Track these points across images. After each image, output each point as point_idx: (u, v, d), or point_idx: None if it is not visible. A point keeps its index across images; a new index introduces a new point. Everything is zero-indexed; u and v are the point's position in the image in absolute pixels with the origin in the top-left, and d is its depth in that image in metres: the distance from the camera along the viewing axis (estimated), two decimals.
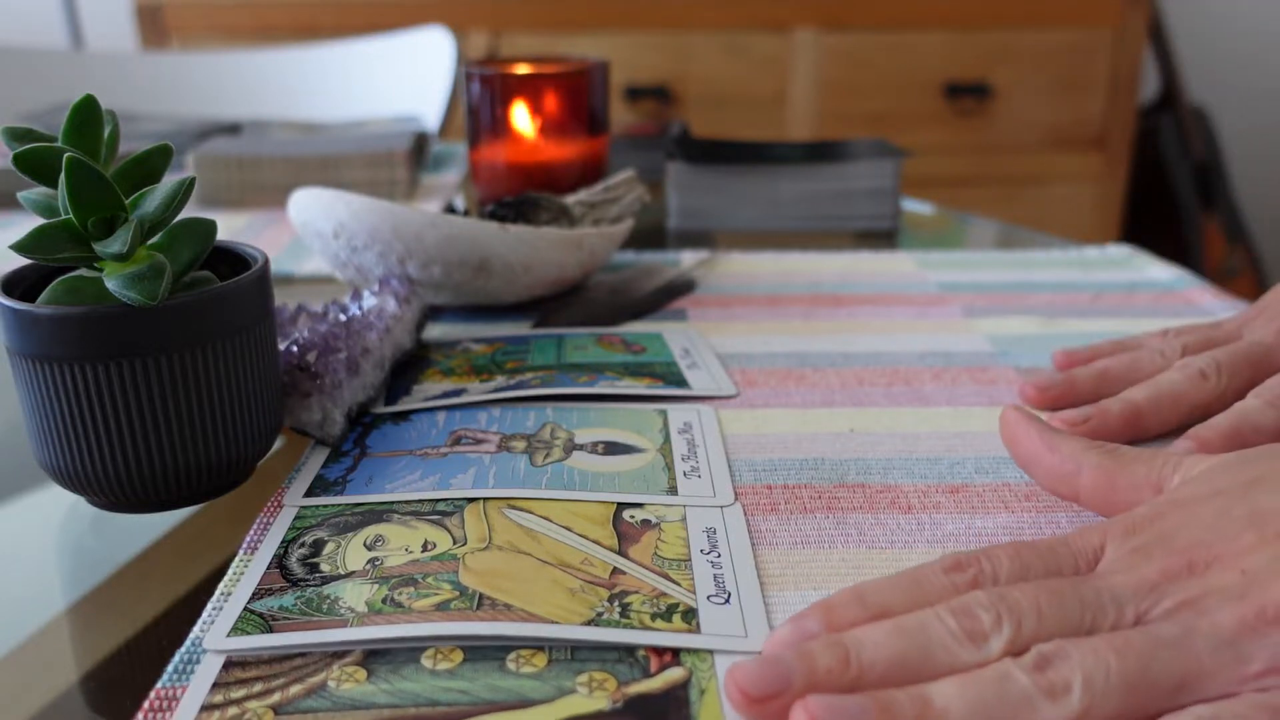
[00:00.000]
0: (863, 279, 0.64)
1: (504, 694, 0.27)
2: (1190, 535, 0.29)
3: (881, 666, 0.26)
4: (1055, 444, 0.36)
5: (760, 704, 0.26)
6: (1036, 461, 0.36)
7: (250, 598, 0.32)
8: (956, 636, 0.27)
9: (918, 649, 0.26)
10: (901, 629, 0.27)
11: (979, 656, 0.26)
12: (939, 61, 1.82)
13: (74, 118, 0.35)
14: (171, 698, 0.28)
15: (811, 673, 0.26)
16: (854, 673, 0.26)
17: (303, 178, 0.81)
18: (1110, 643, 0.26)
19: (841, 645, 0.27)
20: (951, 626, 0.27)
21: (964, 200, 1.59)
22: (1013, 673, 0.25)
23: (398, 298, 0.50)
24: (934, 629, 0.27)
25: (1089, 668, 0.25)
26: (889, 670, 0.26)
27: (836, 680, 0.26)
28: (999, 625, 0.27)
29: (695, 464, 0.40)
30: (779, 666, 0.26)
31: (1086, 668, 0.25)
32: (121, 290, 0.33)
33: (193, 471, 0.36)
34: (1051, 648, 0.26)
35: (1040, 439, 0.36)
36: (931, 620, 0.27)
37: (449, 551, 0.34)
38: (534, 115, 0.70)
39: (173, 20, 1.79)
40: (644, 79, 1.80)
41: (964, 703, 0.25)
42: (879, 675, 0.26)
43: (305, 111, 1.22)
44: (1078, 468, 0.35)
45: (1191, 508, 0.30)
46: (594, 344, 0.52)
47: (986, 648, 0.26)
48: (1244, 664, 0.25)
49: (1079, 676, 0.25)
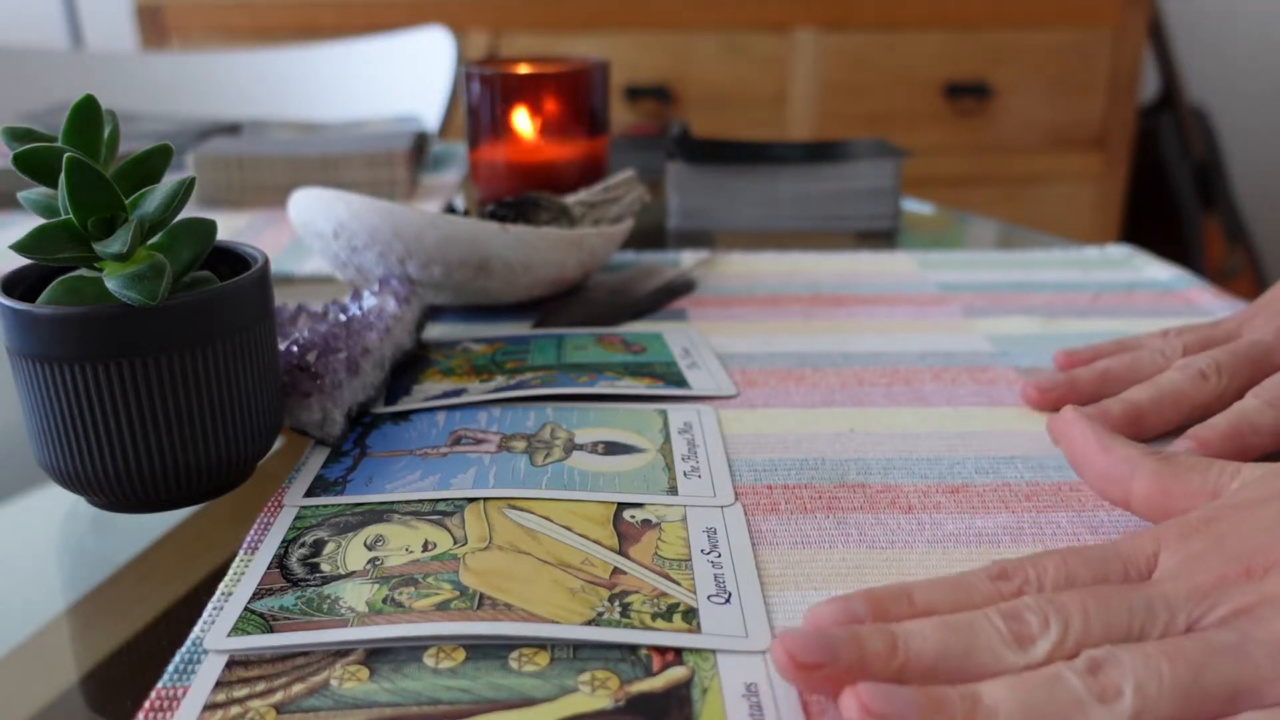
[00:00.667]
0: (863, 279, 0.64)
1: (506, 693, 0.27)
2: (1247, 540, 0.28)
3: (928, 659, 0.26)
4: (1110, 446, 0.35)
5: (804, 670, 0.26)
6: (1089, 463, 0.35)
7: (251, 598, 0.32)
8: (1004, 638, 0.27)
9: (964, 646, 0.26)
10: (950, 625, 0.27)
11: (1025, 659, 0.26)
12: (939, 61, 1.82)
13: (74, 118, 0.35)
14: (172, 698, 0.28)
15: (860, 652, 0.26)
16: (900, 660, 0.26)
17: (303, 178, 0.81)
18: (1162, 649, 0.25)
19: (890, 633, 0.27)
20: (1000, 627, 0.27)
21: (964, 200, 1.59)
22: (1064, 675, 0.25)
23: (398, 298, 0.50)
24: (982, 628, 0.27)
25: (1141, 673, 0.25)
26: (934, 663, 0.26)
27: (883, 665, 0.26)
28: (1046, 628, 0.27)
29: (695, 464, 0.40)
30: (828, 639, 0.26)
31: (1139, 673, 0.25)
32: (121, 290, 0.33)
33: (193, 471, 0.36)
34: (1103, 653, 0.25)
35: (1095, 439, 0.35)
36: (980, 620, 0.27)
37: (449, 551, 0.34)
38: (534, 115, 0.70)
39: (173, 20, 1.79)
40: (644, 79, 1.80)
41: (1014, 703, 0.25)
42: (925, 667, 0.26)
43: (305, 111, 1.22)
44: (1131, 472, 0.34)
45: (1248, 512, 0.29)
46: (594, 344, 0.52)
47: (1033, 650, 0.26)
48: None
49: (1131, 681, 0.25)
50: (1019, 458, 0.41)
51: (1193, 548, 0.29)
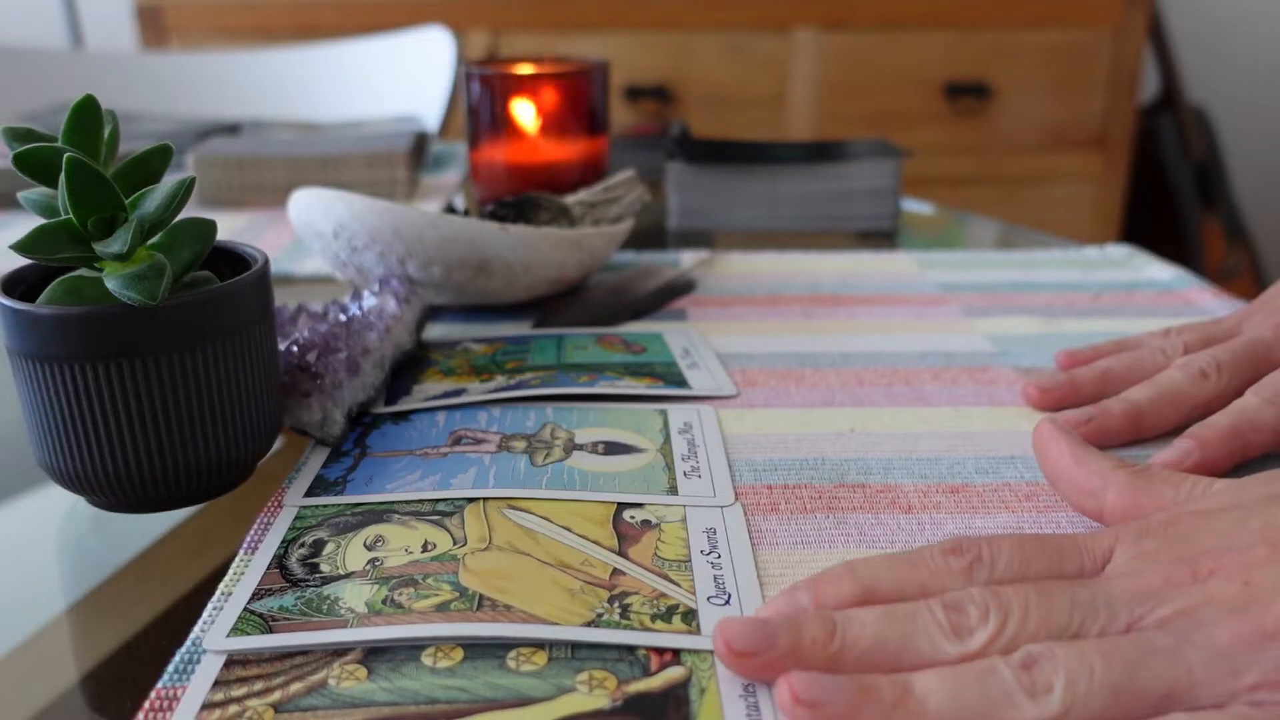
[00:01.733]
0: (863, 279, 0.64)
1: (504, 692, 0.27)
2: (1200, 543, 0.28)
3: (864, 645, 0.27)
4: (1084, 459, 0.35)
5: (741, 658, 0.27)
6: (1063, 475, 0.35)
7: (250, 598, 0.32)
8: (942, 628, 0.27)
9: (901, 634, 0.27)
10: (891, 614, 0.27)
11: (960, 649, 0.27)
12: (939, 61, 1.82)
13: (74, 118, 0.35)
14: (172, 697, 0.28)
15: (796, 639, 0.27)
16: (836, 647, 0.27)
17: (303, 178, 0.81)
18: (1098, 647, 0.26)
19: (830, 620, 0.27)
20: (939, 618, 0.27)
21: (964, 200, 1.59)
22: (997, 668, 0.25)
23: (398, 298, 0.50)
24: (922, 618, 0.27)
25: (1073, 669, 0.25)
26: (870, 649, 0.27)
27: (819, 651, 0.27)
28: (985, 621, 0.27)
29: (695, 464, 0.40)
30: (766, 628, 0.27)
31: (1071, 669, 0.25)
32: (121, 290, 0.33)
33: (193, 471, 0.36)
34: (1040, 649, 0.26)
35: (1070, 452, 0.35)
36: (921, 610, 0.27)
37: (449, 552, 0.34)
38: (534, 115, 0.70)
39: (173, 20, 1.79)
40: (644, 79, 1.80)
41: (944, 693, 0.25)
42: (860, 653, 0.27)
43: (305, 111, 1.22)
44: (1104, 485, 0.34)
45: (1204, 518, 0.29)
46: (594, 344, 0.52)
47: (969, 641, 0.27)
48: (1237, 677, 0.25)
49: (1062, 677, 0.25)
50: (1019, 458, 0.41)
51: (1145, 547, 0.29)
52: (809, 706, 0.25)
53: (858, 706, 0.25)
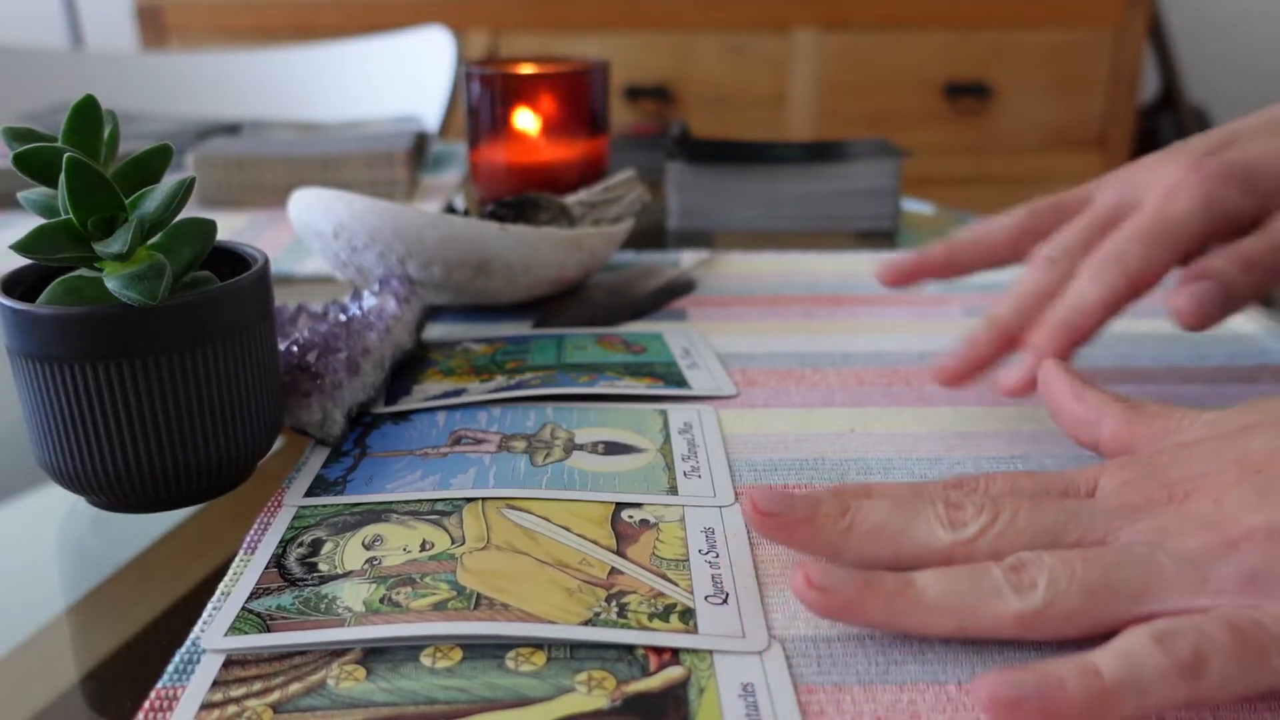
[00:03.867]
0: (863, 279, 0.64)
1: (503, 692, 0.27)
2: (1178, 470, 0.31)
3: (871, 524, 0.30)
4: (1082, 394, 0.37)
5: (765, 517, 0.31)
6: (1064, 409, 0.37)
7: (248, 597, 0.32)
8: (940, 518, 0.30)
9: (903, 519, 0.31)
10: (898, 505, 0.31)
11: (953, 537, 0.30)
12: (939, 61, 1.82)
13: (74, 118, 0.35)
14: (172, 697, 0.28)
15: (812, 510, 0.31)
16: (845, 523, 0.31)
17: (303, 178, 0.81)
18: (1081, 554, 0.28)
19: (845, 502, 0.31)
20: (939, 511, 0.31)
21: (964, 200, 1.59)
22: (989, 568, 0.28)
23: (398, 298, 0.50)
24: (924, 510, 0.31)
25: (1056, 571, 0.28)
26: (875, 529, 0.30)
27: (831, 524, 0.31)
28: (978, 515, 0.30)
29: (695, 464, 0.40)
30: (788, 497, 0.31)
31: (1054, 570, 0.28)
32: (121, 290, 0.33)
33: (193, 471, 0.36)
34: (1029, 556, 0.28)
35: (1069, 388, 0.37)
36: (925, 505, 0.31)
37: (447, 551, 0.34)
38: (534, 115, 0.71)
39: (173, 20, 1.79)
40: (644, 79, 1.81)
41: (940, 586, 0.28)
42: (866, 531, 0.30)
43: (305, 111, 1.22)
44: (1100, 417, 0.36)
45: (1184, 449, 0.32)
46: (594, 344, 0.52)
47: (962, 531, 0.30)
48: (1204, 581, 0.27)
49: (1045, 576, 0.28)
50: (1019, 457, 0.41)
51: (1129, 474, 0.32)
52: (820, 590, 0.28)
53: (863, 594, 0.28)
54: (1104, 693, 0.25)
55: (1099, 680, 0.25)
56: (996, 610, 0.28)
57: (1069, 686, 0.25)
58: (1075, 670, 0.25)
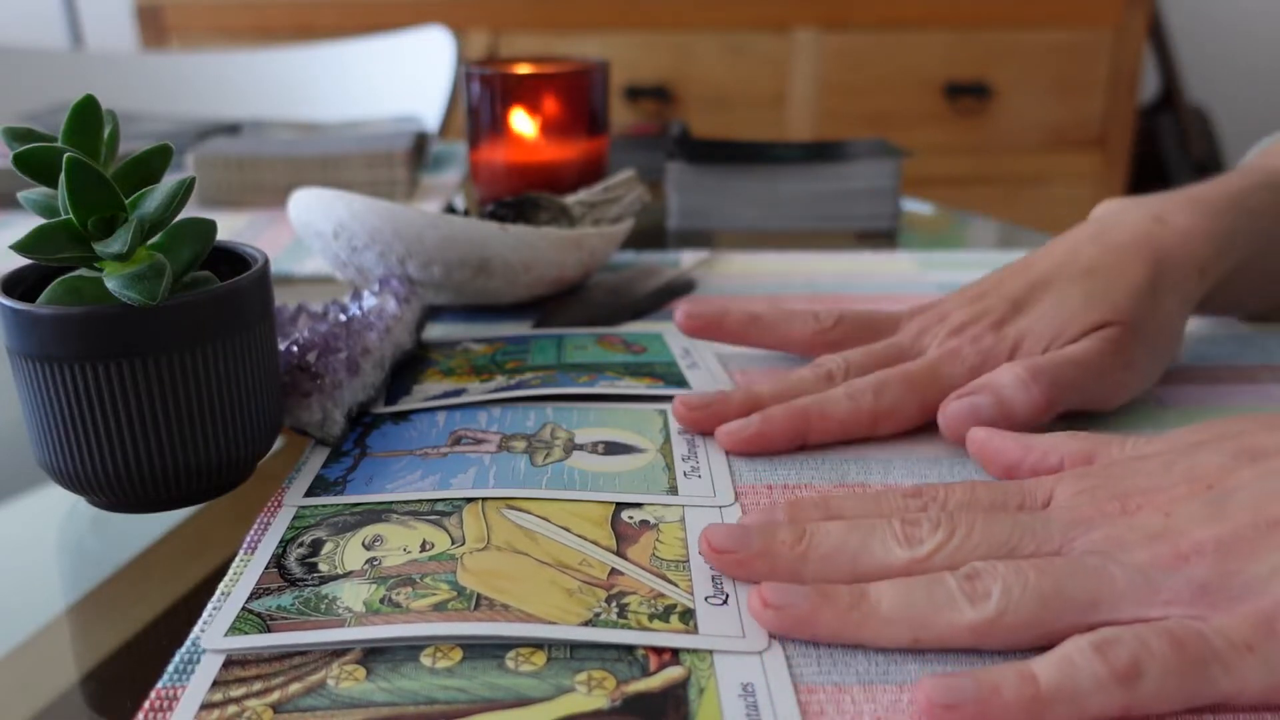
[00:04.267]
0: (863, 279, 0.64)
1: (502, 692, 0.27)
2: (1131, 483, 0.31)
3: (827, 547, 0.31)
4: (1031, 444, 0.37)
5: (721, 555, 0.31)
6: (1016, 465, 0.37)
7: (248, 597, 0.32)
8: (896, 536, 0.31)
9: (859, 539, 0.31)
10: (854, 525, 0.31)
11: (909, 555, 0.30)
12: (939, 61, 1.82)
13: (74, 118, 0.35)
14: (172, 697, 0.28)
15: (769, 540, 0.31)
16: (802, 549, 0.31)
17: (303, 178, 0.81)
18: (1034, 564, 0.29)
19: (801, 527, 0.32)
20: (895, 530, 0.31)
21: (964, 200, 1.59)
22: (944, 578, 0.29)
23: (398, 298, 0.50)
24: (879, 529, 0.31)
25: (1009, 580, 0.28)
26: (832, 552, 0.31)
27: (788, 551, 0.31)
28: (934, 532, 0.31)
29: (695, 464, 0.40)
30: (743, 530, 0.32)
31: (1007, 580, 0.28)
32: (121, 290, 0.33)
33: (193, 471, 0.36)
34: (984, 566, 0.29)
35: (1015, 444, 0.37)
36: (880, 523, 0.31)
37: (447, 551, 0.34)
38: (534, 115, 0.71)
39: (173, 20, 1.79)
40: (644, 79, 1.81)
41: (895, 597, 0.29)
42: (823, 554, 0.31)
43: (305, 111, 1.22)
44: (1059, 457, 0.36)
45: (1140, 461, 0.32)
46: (594, 344, 0.52)
47: (918, 549, 0.30)
48: (1154, 593, 0.28)
49: (999, 586, 0.28)
50: None
51: (1083, 485, 0.32)
52: (776, 609, 0.29)
53: (818, 608, 0.29)
54: (1039, 699, 0.25)
55: (1034, 686, 0.25)
56: (951, 620, 0.28)
57: (1005, 692, 0.25)
58: (1013, 676, 0.26)
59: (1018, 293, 0.44)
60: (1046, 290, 0.44)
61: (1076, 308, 0.43)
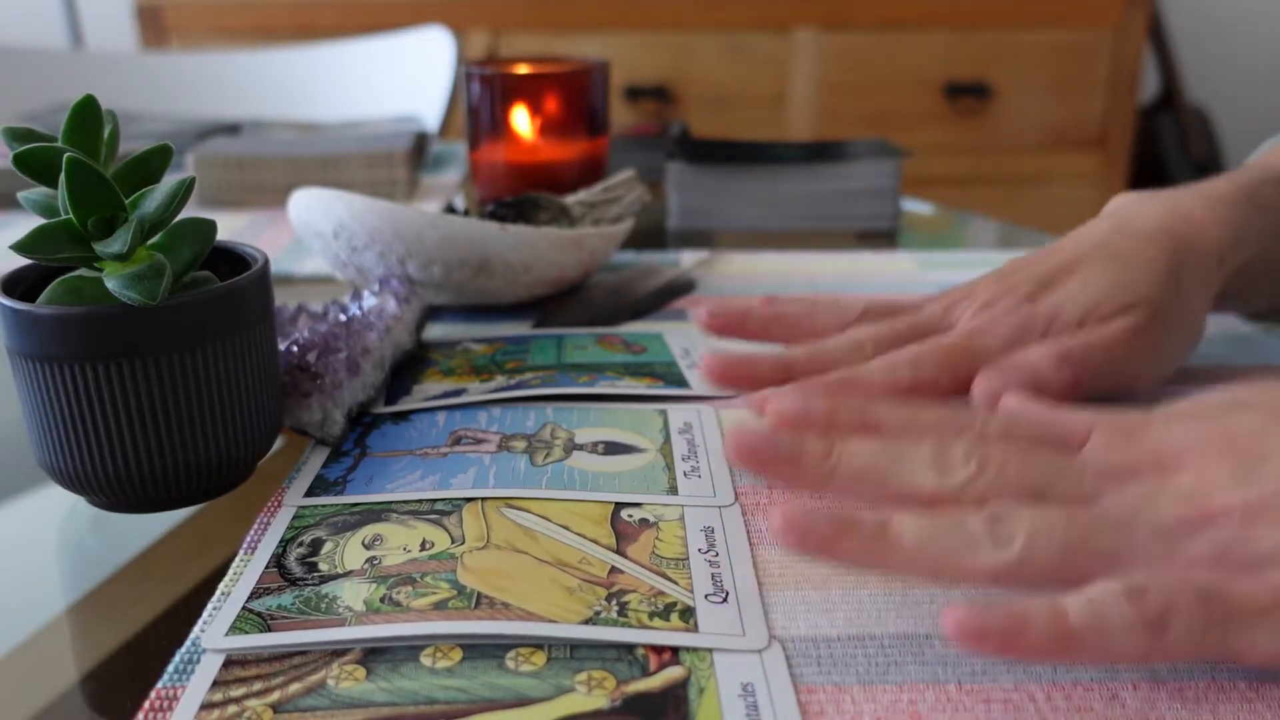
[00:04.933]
0: (863, 279, 0.64)
1: (502, 692, 0.27)
2: (1166, 440, 0.31)
3: (855, 466, 0.31)
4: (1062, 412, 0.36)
5: (746, 453, 0.31)
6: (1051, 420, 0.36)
7: (249, 597, 0.32)
8: (926, 461, 0.30)
9: (889, 461, 0.31)
10: (884, 447, 0.31)
11: (939, 481, 0.30)
12: (939, 61, 1.82)
13: (74, 118, 0.35)
14: (172, 697, 0.28)
15: (797, 450, 0.31)
16: (831, 464, 0.31)
17: (303, 178, 0.81)
18: (1061, 511, 0.29)
19: (831, 441, 0.31)
20: (926, 453, 0.31)
21: (964, 200, 1.59)
22: (968, 518, 0.28)
23: (398, 298, 0.50)
24: (910, 453, 0.31)
25: (1034, 527, 0.28)
26: (860, 472, 0.31)
27: (816, 463, 0.31)
28: (966, 463, 0.30)
29: (695, 464, 0.40)
30: (774, 438, 0.31)
31: (1032, 527, 0.28)
32: (121, 290, 0.33)
33: (193, 471, 0.36)
34: (1009, 509, 0.29)
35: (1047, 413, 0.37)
36: (910, 446, 0.31)
37: (447, 551, 0.34)
38: (534, 115, 0.71)
39: (173, 20, 1.80)
40: (644, 79, 1.81)
41: (917, 532, 0.28)
42: (851, 472, 0.31)
43: (305, 111, 1.22)
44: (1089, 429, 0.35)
45: (1175, 420, 0.32)
46: (594, 344, 0.52)
47: (950, 477, 0.30)
48: (1174, 553, 0.28)
49: (1024, 532, 0.28)
50: None
51: (1118, 436, 0.32)
52: (800, 532, 0.28)
53: (841, 535, 0.28)
54: (1069, 634, 0.26)
55: (1065, 623, 0.26)
56: (972, 562, 0.28)
57: (1034, 625, 0.26)
58: (1045, 610, 0.26)
59: (1046, 273, 0.45)
60: (1074, 272, 0.44)
61: (1104, 289, 0.43)
